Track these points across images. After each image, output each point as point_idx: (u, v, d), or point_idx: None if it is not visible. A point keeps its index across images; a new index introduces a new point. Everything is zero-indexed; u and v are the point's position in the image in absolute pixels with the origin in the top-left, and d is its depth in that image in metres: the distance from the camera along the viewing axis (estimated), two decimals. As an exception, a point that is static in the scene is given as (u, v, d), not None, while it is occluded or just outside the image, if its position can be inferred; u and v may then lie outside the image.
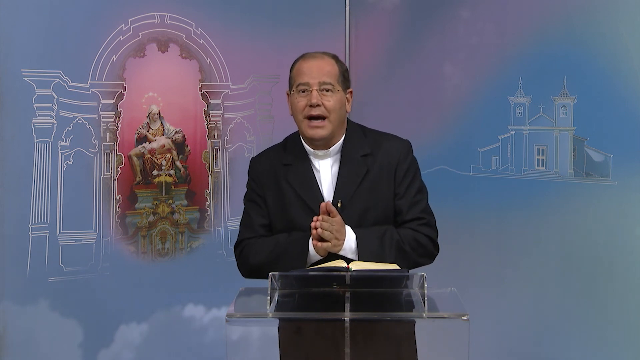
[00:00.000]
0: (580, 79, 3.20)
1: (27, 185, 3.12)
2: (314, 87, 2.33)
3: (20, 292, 3.10)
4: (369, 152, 2.39)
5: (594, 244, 3.17)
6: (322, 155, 2.40)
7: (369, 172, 2.37)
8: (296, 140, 2.44)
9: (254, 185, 2.46)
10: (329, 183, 2.38)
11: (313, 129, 2.34)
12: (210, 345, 3.57)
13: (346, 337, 1.95)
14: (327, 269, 2.14)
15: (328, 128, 2.34)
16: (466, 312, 1.92)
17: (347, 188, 2.34)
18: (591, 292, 3.18)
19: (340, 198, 2.34)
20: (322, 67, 2.36)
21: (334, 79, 2.35)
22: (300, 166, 2.40)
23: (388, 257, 2.28)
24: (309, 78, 2.34)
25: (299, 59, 2.42)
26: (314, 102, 2.31)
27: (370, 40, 3.93)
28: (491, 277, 3.50)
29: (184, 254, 3.55)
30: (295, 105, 2.36)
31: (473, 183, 3.57)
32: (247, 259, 2.40)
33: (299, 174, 2.39)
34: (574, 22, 3.21)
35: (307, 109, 2.33)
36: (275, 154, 2.48)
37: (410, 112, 3.75)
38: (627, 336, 3.07)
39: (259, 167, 2.47)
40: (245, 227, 2.46)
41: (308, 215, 2.31)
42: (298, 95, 2.35)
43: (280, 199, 2.39)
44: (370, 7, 3.92)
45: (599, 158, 3.16)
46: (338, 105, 2.35)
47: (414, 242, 2.35)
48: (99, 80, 3.29)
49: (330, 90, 2.34)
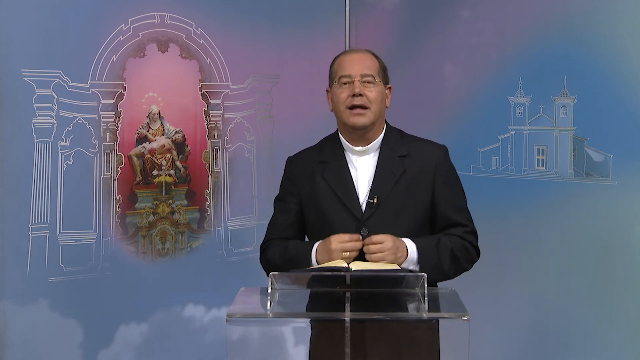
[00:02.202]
0: (580, 79, 3.20)
1: (27, 185, 3.11)
2: (356, 79, 2.36)
3: (20, 292, 3.10)
4: (406, 154, 2.41)
5: (594, 244, 3.17)
6: (360, 152, 2.42)
7: (406, 172, 2.38)
8: (333, 139, 2.48)
9: (288, 183, 2.49)
10: (365, 180, 2.40)
11: (355, 116, 2.36)
12: (210, 345, 3.57)
13: (346, 337, 1.95)
14: (327, 269, 2.14)
15: (369, 117, 2.37)
16: (466, 312, 1.92)
17: (384, 186, 2.36)
18: (591, 292, 3.18)
19: (376, 195, 2.35)
20: (363, 60, 2.41)
21: (375, 71, 2.40)
22: (337, 163, 2.42)
23: (444, 265, 2.32)
24: (351, 70, 2.38)
25: (339, 55, 2.47)
26: (356, 92, 2.35)
27: (370, 40, 3.92)
28: (491, 277, 3.49)
29: (184, 254, 3.55)
30: (337, 96, 2.39)
31: (473, 183, 3.56)
32: (266, 259, 2.45)
33: (334, 170, 2.41)
34: (574, 22, 3.21)
35: (349, 100, 2.36)
36: (311, 152, 2.51)
37: (410, 112, 3.75)
38: (627, 336, 3.07)
39: (295, 165, 2.50)
40: (271, 228, 2.51)
41: (340, 210, 2.36)
42: (340, 87, 2.39)
43: (315, 194, 2.41)
44: (370, 7, 3.92)
45: (599, 158, 3.16)
46: (379, 97, 2.39)
47: (463, 249, 2.38)
48: (99, 80, 3.29)
49: (372, 82, 2.37)
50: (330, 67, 2.47)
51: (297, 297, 2.12)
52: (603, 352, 3.15)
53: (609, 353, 3.14)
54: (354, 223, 2.36)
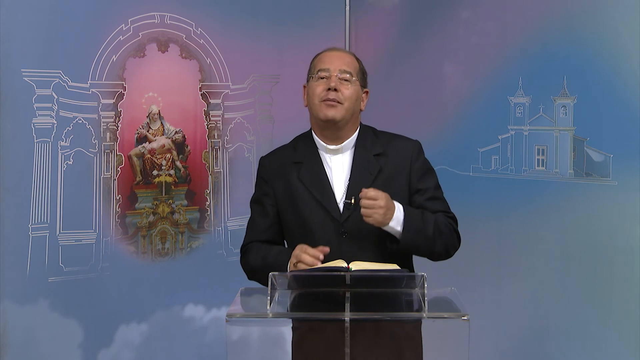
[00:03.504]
0: (580, 79, 3.20)
1: (27, 185, 3.12)
2: (333, 73, 2.36)
3: (20, 292, 3.10)
4: (381, 152, 2.40)
5: (594, 244, 3.17)
6: (334, 150, 2.40)
7: (382, 170, 2.38)
8: (307, 138, 2.46)
9: (262, 184, 2.46)
10: (341, 180, 2.39)
11: (327, 107, 2.34)
12: (210, 345, 3.57)
13: (346, 337, 1.95)
14: (327, 269, 2.14)
15: (340, 111, 2.35)
16: (466, 312, 1.92)
17: (360, 185, 2.34)
18: (591, 292, 3.18)
19: (353, 195, 2.34)
20: (344, 57, 2.41)
21: (354, 70, 2.39)
22: (312, 163, 2.41)
23: (428, 232, 2.30)
24: (330, 64, 2.37)
25: (321, 52, 2.46)
26: (332, 85, 2.34)
27: (370, 40, 3.93)
28: (491, 277, 3.50)
29: (184, 254, 3.55)
30: (312, 89, 2.38)
31: (473, 183, 3.57)
32: (247, 263, 2.43)
33: (310, 171, 2.40)
34: (574, 22, 3.21)
35: (324, 93, 2.35)
36: (285, 152, 2.49)
37: (410, 112, 3.75)
38: (627, 336, 3.07)
39: (269, 165, 2.48)
40: (250, 230, 2.48)
41: (319, 212, 2.34)
42: (317, 81, 2.38)
43: (291, 196, 2.39)
44: (370, 7, 3.92)
45: (599, 158, 3.16)
46: (354, 95, 2.38)
47: (448, 226, 2.38)
48: (99, 80, 3.29)
49: (349, 80, 2.36)
50: (310, 64, 2.45)
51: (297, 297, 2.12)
52: (603, 352, 3.15)
53: (608, 353, 3.14)
54: (332, 224, 2.35)
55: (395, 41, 3.85)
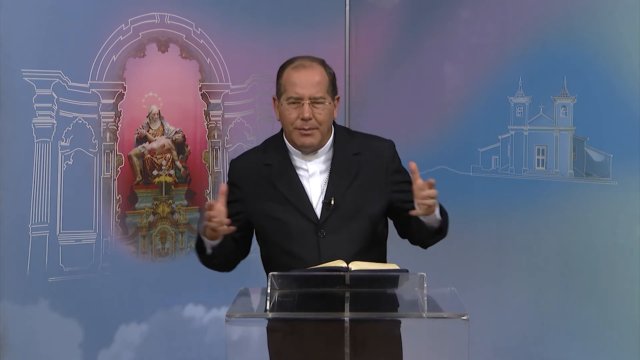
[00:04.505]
0: (580, 79, 3.20)
1: (27, 185, 3.12)
2: (305, 102, 2.32)
3: (20, 292, 3.10)
4: (358, 151, 2.41)
5: (594, 244, 3.17)
6: (309, 156, 2.40)
7: (360, 171, 2.38)
8: (278, 141, 2.44)
9: (233, 188, 2.41)
10: (318, 182, 2.39)
11: (304, 136, 2.34)
12: (210, 345, 3.57)
13: (346, 337, 1.95)
14: (327, 269, 2.14)
15: (317, 137, 2.35)
16: (466, 312, 1.92)
17: (339, 187, 2.35)
18: (591, 292, 3.18)
19: (332, 196, 2.34)
20: (313, 77, 2.35)
21: (325, 89, 2.35)
22: (283, 166, 2.40)
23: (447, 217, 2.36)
24: (300, 91, 2.33)
25: (287, 66, 2.39)
26: (306, 117, 2.32)
27: (370, 40, 3.92)
28: (491, 277, 3.49)
29: (184, 254, 3.55)
30: (285, 116, 2.36)
31: (473, 183, 3.57)
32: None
33: (282, 175, 2.39)
34: (574, 22, 3.20)
35: (298, 122, 2.34)
36: (255, 155, 2.48)
37: (410, 112, 3.75)
38: (627, 336, 3.07)
39: (239, 169, 2.47)
40: None
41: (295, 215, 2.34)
42: (289, 107, 2.35)
43: (263, 198, 2.38)
44: (370, 7, 3.92)
45: (599, 158, 3.16)
46: (328, 116, 2.37)
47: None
48: (99, 80, 3.29)
49: (322, 103, 2.34)
50: (277, 77, 2.40)
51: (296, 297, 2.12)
52: (603, 353, 3.15)
53: (608, 353, 3.13)
54: (310, 226, 2.35)
55: (395, 41, 3.85)
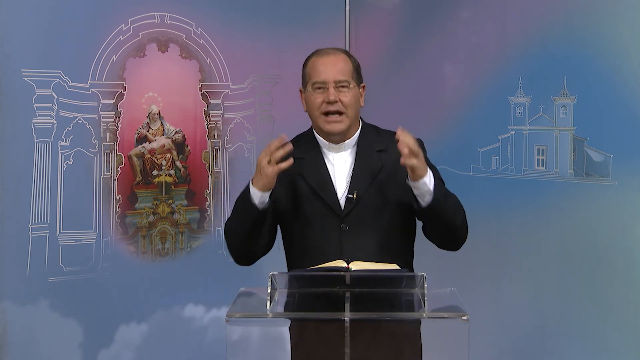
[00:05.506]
0: (580, 79, 3.20)
1: (27, 185, 3.12)
2: (330, 85, 2.36)
3: (20, 292, 3.10)
4: (383, 148, 2.41)
5: (594, 244, 3.17)
6: (337, 148, 2.42)
7: (384, 167, 2.39)
8: (308, 136, 2.47)
9: None
10: (343, 176, 2.40)
11: (331, 124, 2.37)
12: (210, 345, 3.57)
13: (346, 337, 1.95)
14: (327, 269, 2.14)
15: (345, 122, 2.38)
16: (466, 312, 1.92)
17: (362, 181, 2.37)
18: (591, 292, 3.18)
19: (355, 190, 2.36)
20: (337, 63, 2.39)
21: (349, 75, 2.39)
22: (313, 159, 2.42)
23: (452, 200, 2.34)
24: (325, 76, 2.37)
25: (312, 56, 2.44)
26: (331, 99, 2.35)
27: (370, 40, 3.92)
28: (491, 277, 3.49)
29: (184, 254, 3.55)
30: (312, 102, 2.39)
31: (473, 183, 3.57)
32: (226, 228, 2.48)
33: (311, 166, 2.41)
34: (574, 22, 3.20)
35: (324, 106, 2.37)
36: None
37: (410, 112, 3.75)
38: (627, 336, 3.07)
39: None
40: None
41: (319, 206, 2.36)
42: (314, 93, 2.38)
43: (291, 190, 2.41)
44: (370, 7, 3.92)
45: (599, 158, 3.16)
46: (354, 100, 2.39)
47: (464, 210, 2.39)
48: (99, 80, 3.29)
49: (346, 87, 2.37)
50: (303, 67, 2.45)
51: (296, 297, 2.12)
52: (603, 353, 3.15)
53: (608, 353, 3.13)
54: (334, 219, 2.36)
55: (395, 41, 3.85)
